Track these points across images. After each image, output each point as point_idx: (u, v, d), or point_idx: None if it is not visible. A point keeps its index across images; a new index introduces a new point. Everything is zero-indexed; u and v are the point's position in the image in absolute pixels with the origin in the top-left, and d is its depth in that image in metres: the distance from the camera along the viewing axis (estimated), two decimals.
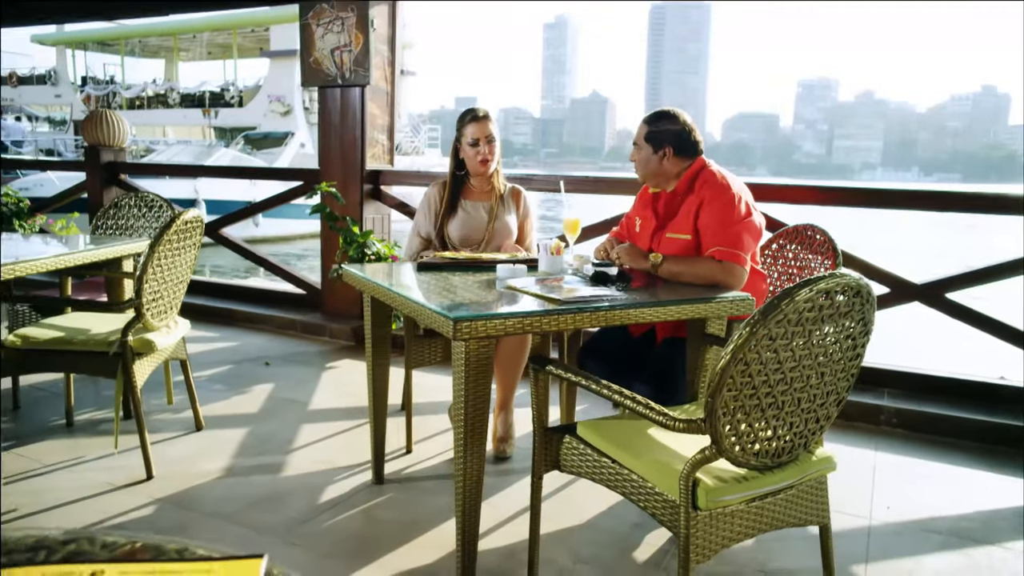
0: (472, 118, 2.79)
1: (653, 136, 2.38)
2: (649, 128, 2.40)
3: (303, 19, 4.49)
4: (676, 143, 2.36)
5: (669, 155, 2.36)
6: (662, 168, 2.39)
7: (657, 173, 2.41)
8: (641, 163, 2.42)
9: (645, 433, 1.78)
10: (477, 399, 1.80)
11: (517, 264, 2.32)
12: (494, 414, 2.76)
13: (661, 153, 2.37)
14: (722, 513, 1.52)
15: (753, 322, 1.36)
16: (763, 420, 1.48)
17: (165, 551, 0.69)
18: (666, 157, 2.37)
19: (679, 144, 2.36)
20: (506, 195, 2.98)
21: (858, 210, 3.71)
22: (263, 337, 4.52)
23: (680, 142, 2.36)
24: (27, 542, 0.69)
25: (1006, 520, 2.42)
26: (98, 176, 5.59)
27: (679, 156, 2.37)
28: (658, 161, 2.38)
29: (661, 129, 2.38)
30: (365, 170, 4.50)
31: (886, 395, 3.33)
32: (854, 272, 1.48)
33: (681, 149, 2.36)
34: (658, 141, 2.37)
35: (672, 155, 2.36)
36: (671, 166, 2.38)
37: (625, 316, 1.89)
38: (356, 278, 2.37)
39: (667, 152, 2.36)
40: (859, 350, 1.56)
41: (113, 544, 0.70)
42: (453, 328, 1.67)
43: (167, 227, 2.49)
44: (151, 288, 2.51)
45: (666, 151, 2.36)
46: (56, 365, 2.63)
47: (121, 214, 3.64)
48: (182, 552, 0.70)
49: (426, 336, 2.87)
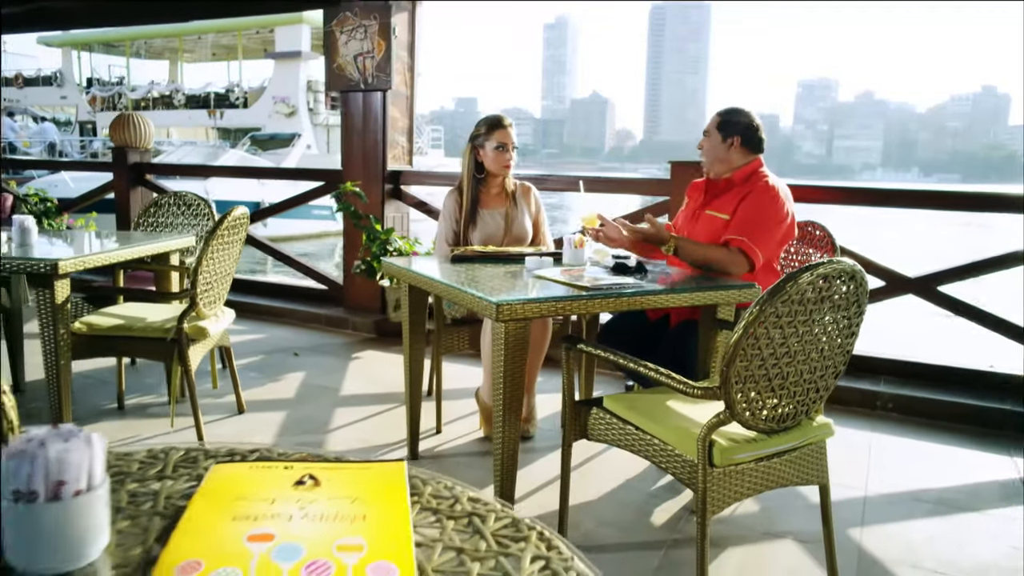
0: (500, 125, 2.99)
1: (724, 125, 2.65)
2: (722, 118, 2.67)
3: (327, 26, 4.71)
4: (744, 135, 2.62)
5: (736, 144, 2.62)
6: (727, 156, 2.64)
7: (722, 160, 2.65)
8: (709, 149, 2.68)
9: (663, 404, 2.00)
10: (514, 374, 2.02)
11: (543, 256, 2.54)
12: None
13: (729, 142, 2.63)
14: (735, 470, 1.74)
15: (762, 301, 1.58)
16: (770, 389, 1.70)
17: (327, 458, 0.93)
18: (733, 146, 2.63)
19: (746, 136, 2.63)
20: (517, 194, 3.18)
21: (861, 210, 3.94)
22: (289, 330, 4.73)
23: (748, 134, 2.63)
24: (221, 451, 0.92)
25: (988, 491, 2.65)
26: (125, 176, 5.81)
27: (744, 147, 2.63)
28: (725, 148, 2.63)
29: (732, 120, 2.65)
30: (386, 170, 4.72)
31: (882, 382, 3.55)
32: (849, 260, 1.70)
33: (747, 141, 2.63)
34: (728, 130, 2.63)
35: (739, 145, 2.63)
36: (735, 155, 2.63)
37: (645, 302, 2.12)
38: (397, 269, 2.59)
39: (734, 142, 2.62)
40: (854, 329, 1.78)
41: (285, 454, 0.94)
42: (496, 310, 1.89)
43: (219, 223, 2.71)
44: (204, 279, 2.74)
45: (734, 140, 2.62)
46: (118, 350, 2.86)
47: (161, 212, 3.86)
48: (339, 458, 0.93)
49: (453, 325, 3.09)
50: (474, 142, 3.05)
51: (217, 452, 0.90)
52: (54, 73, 31.77)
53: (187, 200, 3.84)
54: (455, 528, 0.75)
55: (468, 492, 0.83)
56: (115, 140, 5.83)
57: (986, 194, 3.75)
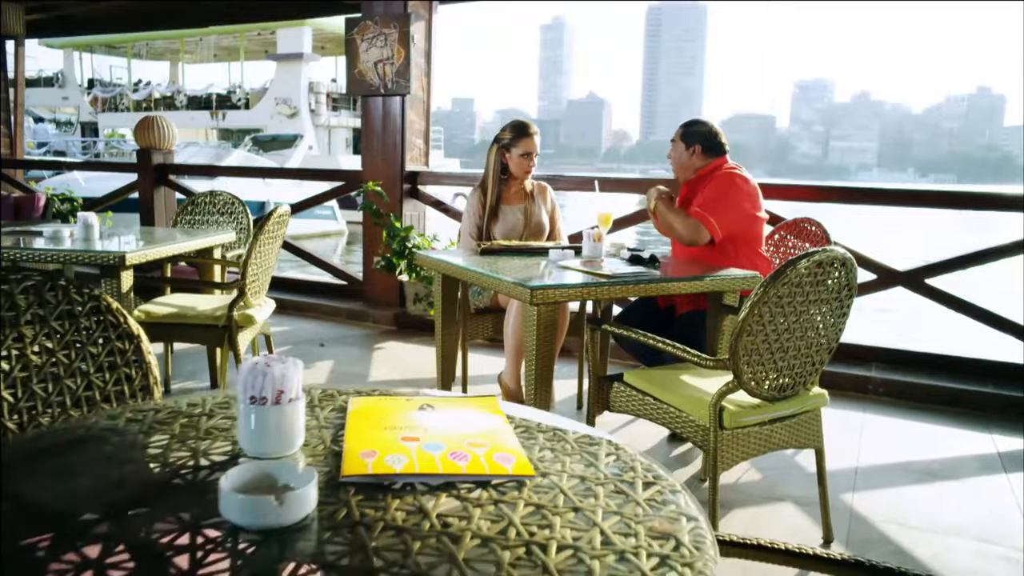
0: (527, 134, 3.23)
1: (686, 136, 2.98)
2: (684, 130, 3.01)
3: (348, 34, 4.96)
4: (703, 142, 2.94)
5: (697, 152, 2.94)
6: (690, 162, 2.96)
7: (685, 166, 2.99)
8: (676, 157, 3.01)
9: (677, 378, 2.26)
10: (545, 351, 2.28)
11: (565, 249, 2.80)
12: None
13: (691, 150, 2.95)
14: (742, 432, 2.00)
15: (766, 284, 1.84)
16: (772, 361, 1.96)
17: (433, 395, 1.18)
18: (695, 153, 2.94)
19: (705, 143, 2.94)
20: (535, 192, 3.44)
21: (860, 214, 4.21)
22: (312, 323, 4.99)
23: (706, 142, 2.95)
24: (349, 390, 1.17)
25: (968, 463, 2.92)
26: (149, 176, 6.06)
27: (705, 153, 2.94)
28: (688, 156, 2.96)
29: (693, 131, 2.97)
30: (405, 171, 4.97)
31: (874, 368, 3.81)
32: (841, 248, 1.96)
33: (707, 148, 2.95)
34: (689, 140, 2.96)
35: (700, 152, 2.94)
36: (697, 160, 2.95)
37: (660, 288, 2.38)
38: (433, 261, 2.85)
39: (696, 149, 2.94)
40: (845, 309, 2.04)
41: (400, 392, 1.19)
42: (531, 294, 2.15)
43: (266, 220, 2.97)
44: (252, 271, 2.99)
45: (695, 148, 2.94)
46: (173, 336, 3.11)
47: (197, 210, 4.12)
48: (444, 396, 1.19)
49: (477, 314, 3.35)
50: (500, 144, 3.29)
51: (346, 391, 1.16)
52: (55, 74, 31.98)
53: (222, 199, 4.10)
54: (544, 438, 1.01)
55: (545, 422, 1.08)
56: (140, 142, 6.08)
57: (984, 194, 4.05)
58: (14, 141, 7.20)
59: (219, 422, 1.03)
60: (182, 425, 1.01)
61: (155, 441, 0.95)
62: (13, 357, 1.25)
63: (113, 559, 0.69)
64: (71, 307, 1.32)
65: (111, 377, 1.34)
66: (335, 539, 0.72)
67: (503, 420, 1.04)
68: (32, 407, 1.26)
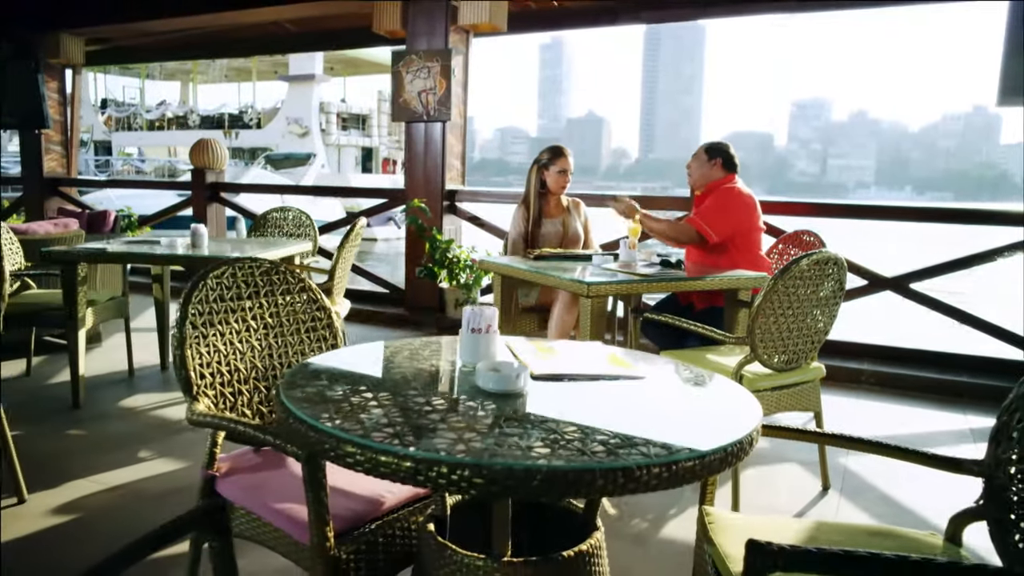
0: (563, 154, 3.80)
1: (710, 150, 3.53)
2: (709, 146, 3.56)
3: (394, 67, 5.54)
4: (724, 157, 3.50)
5: (718, 164, 3.49)
6: (710, 172, 3.50)
7: (705, 175, 3.51)
8: (697, 167, 3.54)
9: (702, 357, 2.81)
10: (596, 334, 2.82)
11: (605, 254, 3.35)
12: None
13: (713, 161, 3.50)
14: (756, 396, 2.53)
15: (775, 277, 2.39)
16: (781, 340, 2.50)
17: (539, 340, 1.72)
18: (716, 165, 3.49)
19: (725, 159, 3.50)
20: (570, 207, 4.00)
21: (860, 232, 4.77)
22: (356, 327, 5.51)
23: (726, 158, 3.51)
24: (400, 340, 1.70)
25: (945, 436, 3.48)
26: (202, 194, 6.64)
27: (723, 167, 3.50)
28: (710, 166, 3.50)
29: (716, 147, 3.53)
30: (444, 189, 5.53)
31: (866, 362, 4.36)
32: (833, 251, 2.51)
33: (726, 163, 3.50)
34: (712, 154, 3.51)
35: (720, 165, 3.49)
36: (716, 172, 3.49)
37: (687, 285, 2.94)
38: (496, 265, 3.39)
39: (717, 162, 3.49)
40: (838, 299, 2.59)
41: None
42: (587, 289, 2.70)
43: (350, 231, 3.53)
44: (338, 274, 3.54)
45: (716, 161, 3.49)
46: None
47: (268, 224, 4.67)
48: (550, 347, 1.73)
49: (524, 312, 3.89)
50: (540, 164, 3.86)
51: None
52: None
53: (292, 214, 4.65)
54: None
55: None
56: (195, 162, 6.67)
57: (937, 208, 4.60)
58: (70, 162, 7.78)
59: (429, 354, 1.58)
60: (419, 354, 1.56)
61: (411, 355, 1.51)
62: (258, 317, 1.80)
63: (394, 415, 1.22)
64: (287, 286, 1.87)
65: (314, 336, 1.89)
66: (540, 400, 1.27)
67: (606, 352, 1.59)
68: (269, 353, 1.80)
